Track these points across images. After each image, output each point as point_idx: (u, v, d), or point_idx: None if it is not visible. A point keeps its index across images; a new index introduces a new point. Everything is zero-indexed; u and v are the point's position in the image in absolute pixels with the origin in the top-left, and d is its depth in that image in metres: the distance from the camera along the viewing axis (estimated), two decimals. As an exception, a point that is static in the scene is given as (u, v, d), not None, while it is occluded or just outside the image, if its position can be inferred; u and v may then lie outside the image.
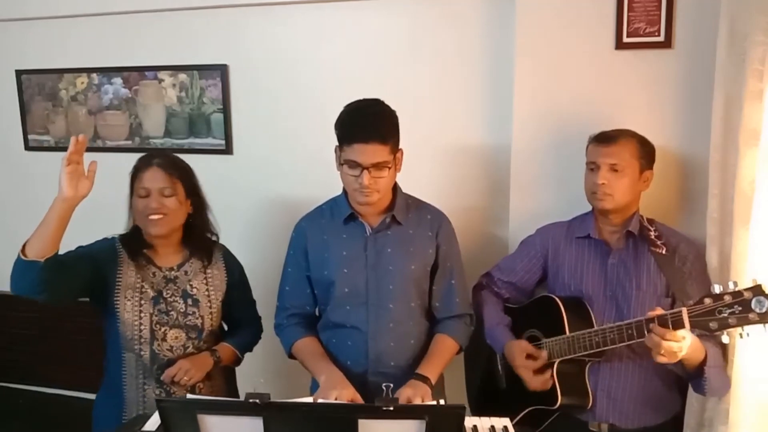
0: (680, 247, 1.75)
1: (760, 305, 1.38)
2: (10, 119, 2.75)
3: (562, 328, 1.74)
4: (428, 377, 1.66)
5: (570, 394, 1.74)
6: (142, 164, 1.78)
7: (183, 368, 1.74)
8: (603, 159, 1.73)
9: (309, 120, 2.39)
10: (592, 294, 1.79)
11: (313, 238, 1.80)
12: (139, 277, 1.77)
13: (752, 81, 1.61)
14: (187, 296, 1.81)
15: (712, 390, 1.62)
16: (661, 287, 1.73)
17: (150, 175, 1.75)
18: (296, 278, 1.83)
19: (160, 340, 1.76)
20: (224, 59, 2.44)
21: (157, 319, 1.76)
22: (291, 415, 1.25)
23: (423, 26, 2.23)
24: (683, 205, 1.97)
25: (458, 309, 1.81)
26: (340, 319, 1.77)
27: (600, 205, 1.76)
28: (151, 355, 1.76)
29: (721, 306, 1.42)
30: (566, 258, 1.86)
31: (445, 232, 1.81)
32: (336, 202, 1.82)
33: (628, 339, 1.58)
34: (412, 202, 1.82)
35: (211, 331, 1.85)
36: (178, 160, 1.83)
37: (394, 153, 1.68)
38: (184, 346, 1.79)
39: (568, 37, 2.00)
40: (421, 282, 1.78)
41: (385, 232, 1.75)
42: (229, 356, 1.87)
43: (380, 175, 1.64)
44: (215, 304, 1.85)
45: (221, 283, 1.88)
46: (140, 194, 1.74)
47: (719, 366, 1.63)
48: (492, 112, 2.20)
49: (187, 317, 1.80)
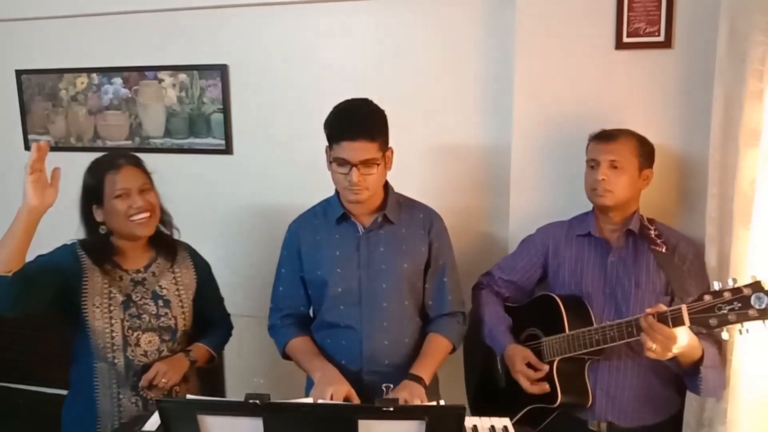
0: (680, 245, 1.75)
1: (759, 301, 1.38)
2: (10, 119, 2.75)
3: (561, 326, 1.74)
4: (422, 377, 1.67)
5: (570, 392, 1.74)
6: (110, 166, 1.70)
7: (160, 371, 1.69)
8: (603, 156, 1.75)
9: (309, 120, 2.38)
10: (591, 292, 1.80)
11: (306, 239, 1.80)
12: (106, 282, 1.71)
13: (752, 81, 1.61)
14: (158, 297, 1.77)
15: (707, 390, 1.62)
16: (660, 285, 1.73)
17: (125, 175, 1.69)
18: (290, 279, 1.84)
19: (133, 345, 1.72)
20: (224, 59, 2.44)
21: (128, 324, 1.71)
22: (291, 415, 1.25)
23: (423, 26, 2.23)
24: (683, 204, 1.97)
25: (450, 307, 1.81)
26: (334, 319, 1.77)
27: (600, 202, 1.77)
28: (126, 363, 1.71)
29: (720, 302, 1.43)
30: (566, 256, 1.87)
31: (437, 230, 1.81)
32: (329, 202, 1.82)
33: (628, 336, 1.59)
34: (403, 201, 1.83)
35: (184, 331, 1.82)
36: (141, 159, 1.78)
37: (383, 151, 1.68)
38: (159, 350, 1.75)
39: (568, 37, 2.00)
40: (415, 281, 1.79)
41: (378, 231, 1.76)
42: (203, 356, 1.84)
43: (369, 173, 1.65)
44: (186, 303, 1.82)
45: (191, 282, 1.85)
46: (118, 195, 1.67)
47: (716, 366, 1.63)
48: (492, 111, 2.20)
49: (159, 319, 1.75)
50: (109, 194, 1.68)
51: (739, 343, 1.65)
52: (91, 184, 1.71)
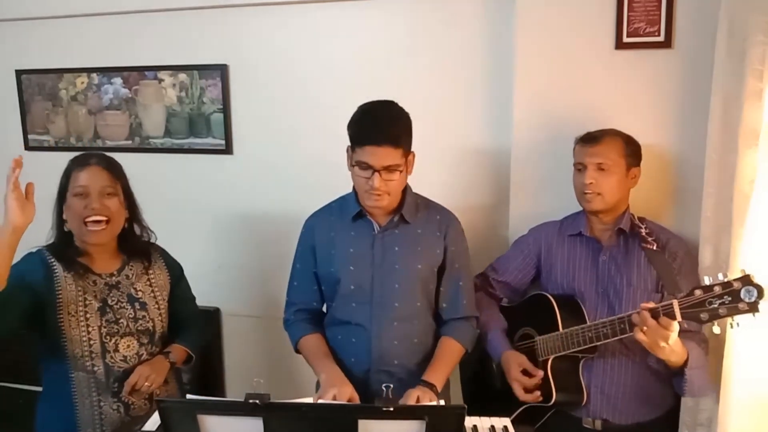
0: (670, 243, 1.77)
1: (749, 294, 1.40)
2: (10, 119, 2.75)
3: (555, 325, 1.75)
4: (434, 384, 1.66)
5: (564, 390, 1.74)
6: (78, 163, 1.67)
7: (143, 374, 1.67)
8: (589, 159, 1.75)
9: (309, 120, 2.39)
10: (584, 291, 1.81)
11: (321, 235, 1.80)
12: (80, 288, 1.67)
13: (752, 81, 1.61)
14: (134, 300, 1.74)
15: (692, 391, 1.64)
16: (651, 283, 1.74)
17: (89, 174, 1.64)
18: (304, 274, 1.84)
19: (112, 351, 1.68)
20: (224, 59, 2.44)
21: (106, 330, 1.67)
22: (291, 415, 1.25)
23: (423, 26, 2.23)
24: (678, 204, 1.97)
25: (465, 311, 1.81)
26: (345, 316, 1.77)
27: (590, 207, 1.78)
28: (105, 370, 1.68)
29: (711, 297, 1.44)
30: (559, 256, 1.88)
31: (454, 234, 1.80)
32: (345, 199, 1.82)
33: (621, 333, 1.60)
34: (421, 201, 1.82)
35: (162, 333, 1.80)
36: (116, 161, 1.74)
37: (406, 156, 1.67)
38: (138, 354, 1.72)
39: (568, 37, 2.00)
40: (428, 282, 1.78)
41: (393, 230, 1.75)
42: (181, 357, 1.82)
43: (391, 178, 1.64)
44: (162, 305, 1.81)
45: (165, 283, 1.84)
46: (77, 192, 1.63)
47: (701, 367, 1.63)
48: (492, 112, 2.20)
49: (137, 322, 1.73)
50: (70, 190, 1.65)
51: (732, 344, 1.65)
52: (62, 179, 1.69)
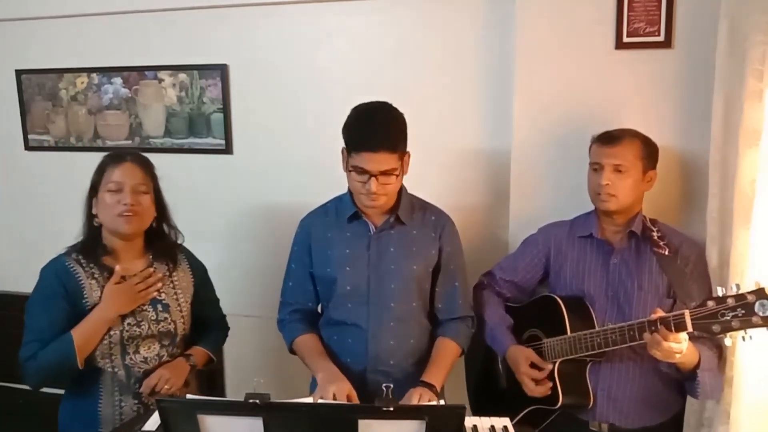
0: (683, 247, 1.75)
1: (763, 308, 1.37)
2: (10, 119, 2.75)
3: (563, 328, 1.74)
4: (434, 384, 1.66)
5: (571, 393, 1.73)
6: (113, 160, 1.70)
7: (163, 377, 1.68)
8: (607, 159, 1.72)
9: (309, 120, 2.39)
10: (593, 294, 1.79)
11: (317, 235, 1.80)
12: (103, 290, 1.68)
13: (752, 81, 1.61)
14: (157, 302, 1.74)
15: (705, 393, 1.63)
16: (662, 288, 1.72)
17: (124, 170, 1.68)
18: (299, 274, 1.84)
19: (132, 353, 1.70)
20: (224, 59, 2.44)
21: (128, 333, 1.68)
22: (291, 415, 1.25)
23: (423, 27, 2.23)
24: (683, 204, 1.96)
25: (461, 311, 1.81)
26: (341, 317, 1.77)
27: (604, 207, 1.75)
28: (126, 371, 1.69)
29: (723, 309, 1.42)
30: (568, 257, 1.86)
31: (449, 234, 1.81)
32: (341, 200, 1.82)
33: (630, 340, 1.58)
34: (416, 202, 1.82)
35: (183, 335, 1.81)
36: (149, 160, 1.77)
37: (402, 158, 1.67)
38: (159, 356, 1.73)
39: (568, 37, 2.00)
40: (423, 282, 1.79)
41: (389, 231, 1.76)
42: (202, 359, 1.83)
43: (388, 182, 1.65)
44: (185, 307, 1.81)
45: (188, 285, 1.84)
46: (110, 189, 1.66)
47: (713, 369, 1.63)
48: (492, 112, 2.20)
49: (159, 324, 1.73)
50: (103, 186, 1.68)
51: (741, 347, 1.64)
52: (95, 175, 1.72)
